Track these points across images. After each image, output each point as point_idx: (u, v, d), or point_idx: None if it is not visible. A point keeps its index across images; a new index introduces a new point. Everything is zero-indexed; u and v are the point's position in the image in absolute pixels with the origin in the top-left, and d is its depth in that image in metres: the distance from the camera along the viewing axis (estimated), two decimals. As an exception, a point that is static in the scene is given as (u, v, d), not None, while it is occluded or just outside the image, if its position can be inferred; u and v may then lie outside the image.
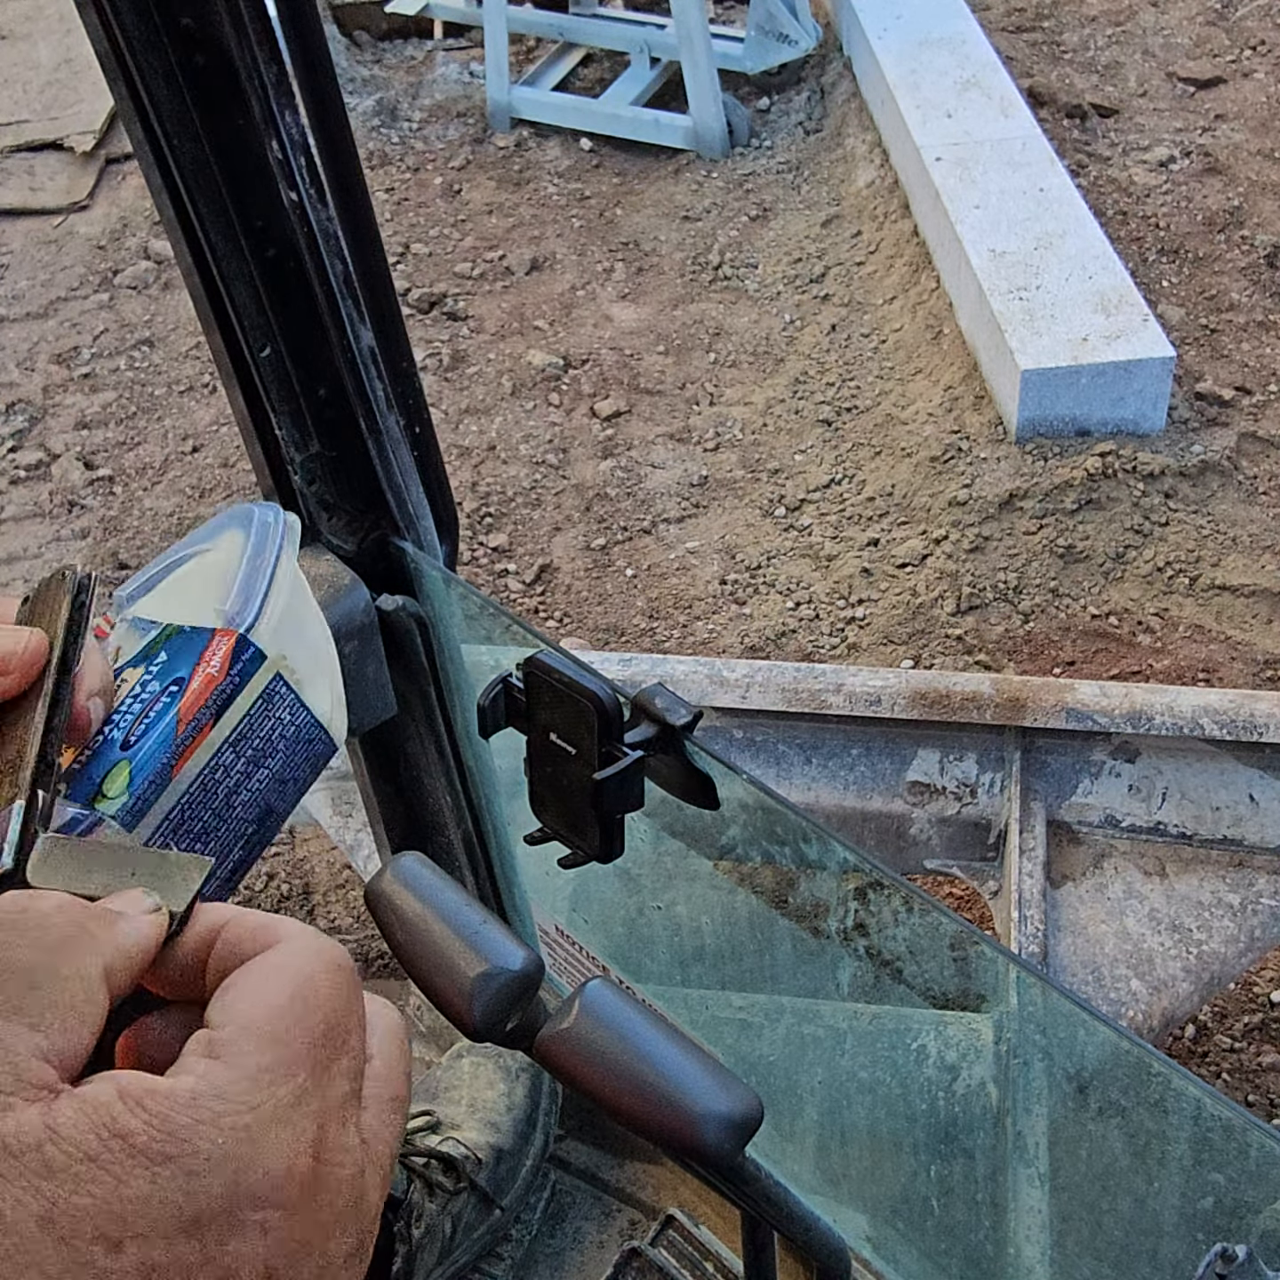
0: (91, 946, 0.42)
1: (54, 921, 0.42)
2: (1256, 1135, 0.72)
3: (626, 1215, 1.47)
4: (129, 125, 0.86)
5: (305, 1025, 0.42)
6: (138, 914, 0.46)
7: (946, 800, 1.77)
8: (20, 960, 0.40)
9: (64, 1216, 0.36)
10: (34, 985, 0.40)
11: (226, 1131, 0.39)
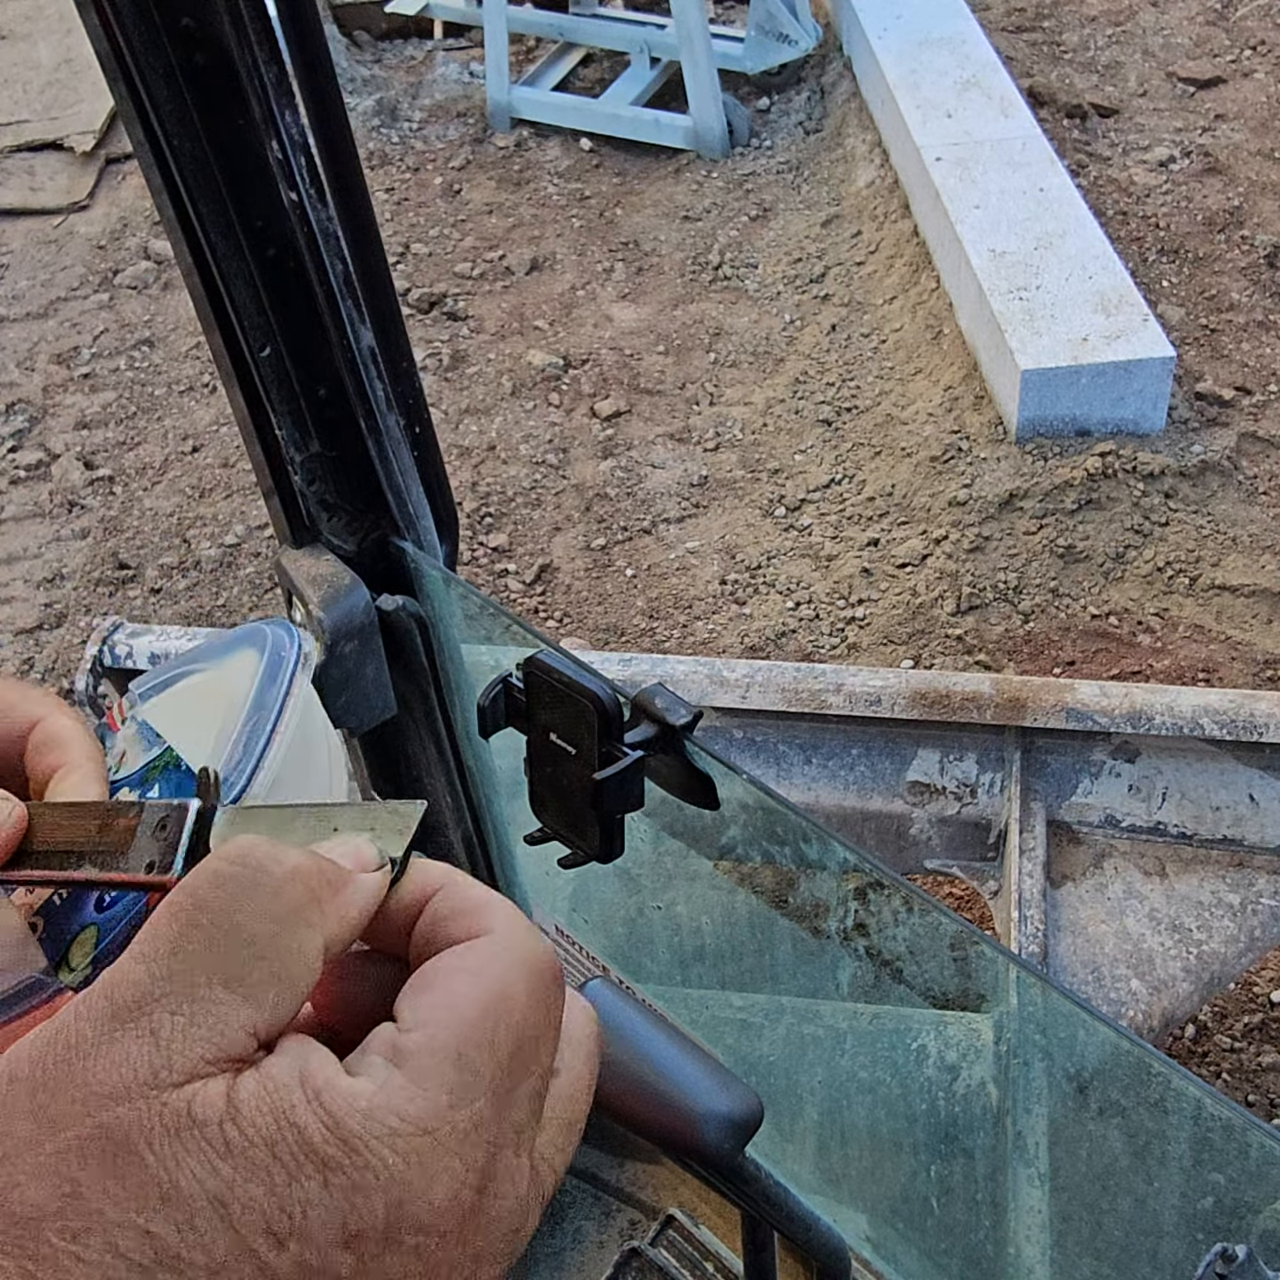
0: (319, 920, 0.42)
1: (286, 891, 0.41)
2: (1256, 1135, 0.72)
3: (626, 1215, 1.47)
4: (129, 125, 0.86)
5: (495, 1045, 0.41)
6: (364, 872, 0.45)
7: (946, 800, 1.77)
8: (249, 929, 0.40)
9: (236, 1202, 0.36)
10: (259, 956, 0.40)
11: (399, 1154, 0.38)
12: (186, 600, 3.08)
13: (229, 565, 3.15)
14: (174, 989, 0.39)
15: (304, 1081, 0.38)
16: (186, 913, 0.40)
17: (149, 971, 0.39)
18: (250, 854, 0.42)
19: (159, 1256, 0.36)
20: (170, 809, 0.54)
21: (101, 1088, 0.37)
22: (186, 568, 3.16)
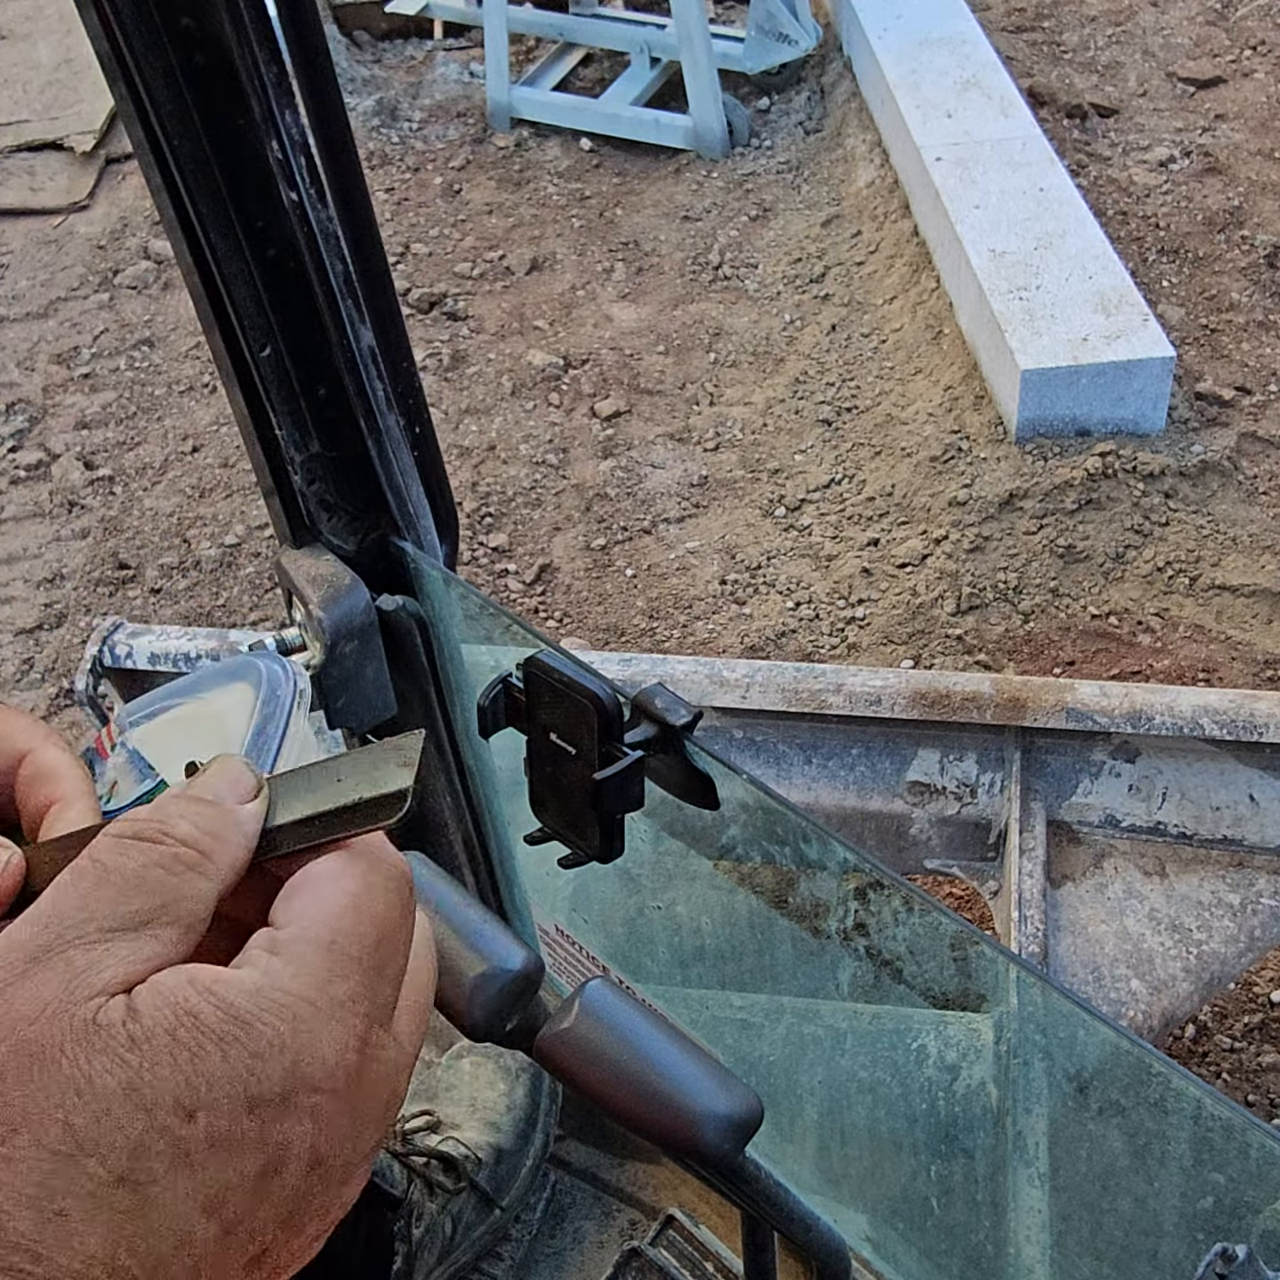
0: (212, 871, 0.47)
1: (183, 854, 0.46)
2: (1256, 1135, 0.72)
3: (626, 1215, 1.47)
4: (129, 125, 0.86)
5: (360, 932, 0.46)
6: (243, 802, 0.50)
7: (946, 800, 1.77)
8: (152, 882, 0.45)
9: (146, 1086, 0.40)
10: (162, 905, 0.45)
11: (287, 1021, 0.42)
12: (186, 600, 3.08)
13: (229, 565, 3.15)
14: (84, 932, 0.43)
15: (192, 981, 0.43)
16: (93, 871, 0.45)
17: (62, 919, 0.43)
18: (145, 826, 0.47)
19: (81, 1143, 0.40)
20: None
21: (18, 1012, 0.41)
22: (186, 568, 3.16)
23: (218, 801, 0.49)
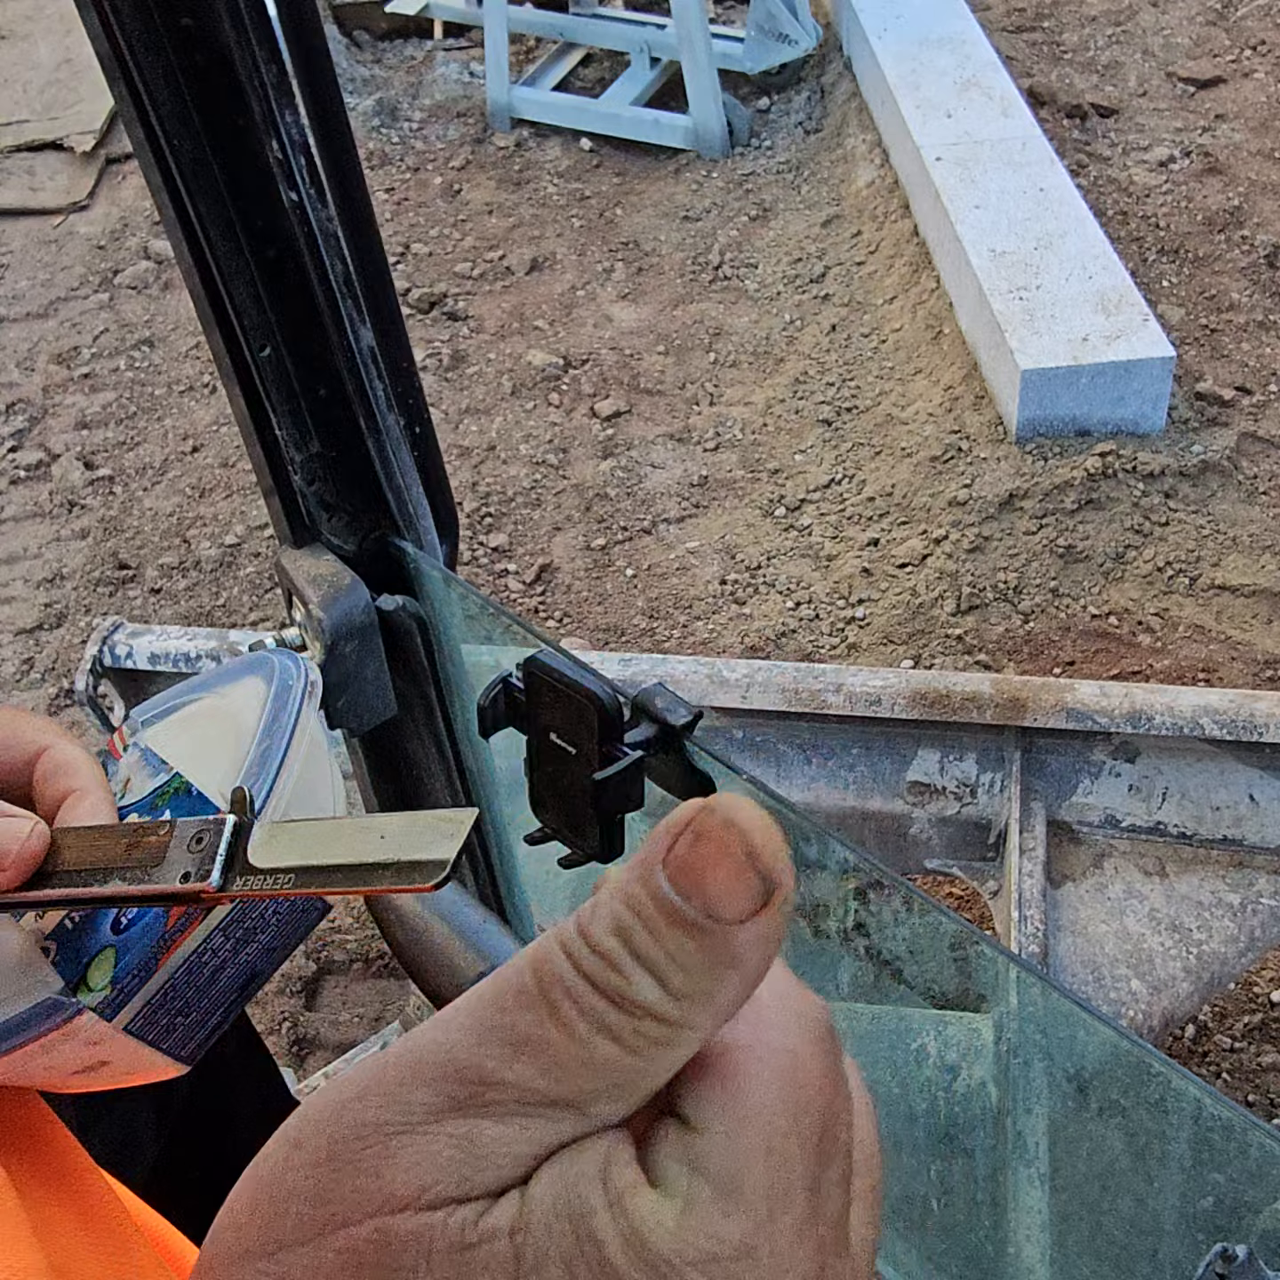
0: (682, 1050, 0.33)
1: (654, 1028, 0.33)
2: (1256, 1135, 0.72)
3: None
4: (129, 125, 0.86)
5: (802, 1130, 0.33)
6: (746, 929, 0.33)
7: (946, 800, 1.77)
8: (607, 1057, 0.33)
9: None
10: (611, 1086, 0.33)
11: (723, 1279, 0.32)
12: (186, 600, 3.08)
13: (229, 565, 3.15)
14: (504, 1097, 0.32)
15: (604, 1181, 0.32)
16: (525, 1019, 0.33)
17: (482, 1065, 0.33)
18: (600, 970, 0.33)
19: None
20: (206, 824, 0.54)
21: (393, 1186, 0.32)
22: (186, 568, 3.16)
23: (706, 925, 0.32)
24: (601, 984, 0.32)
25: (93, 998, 0.62)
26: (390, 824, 0.50)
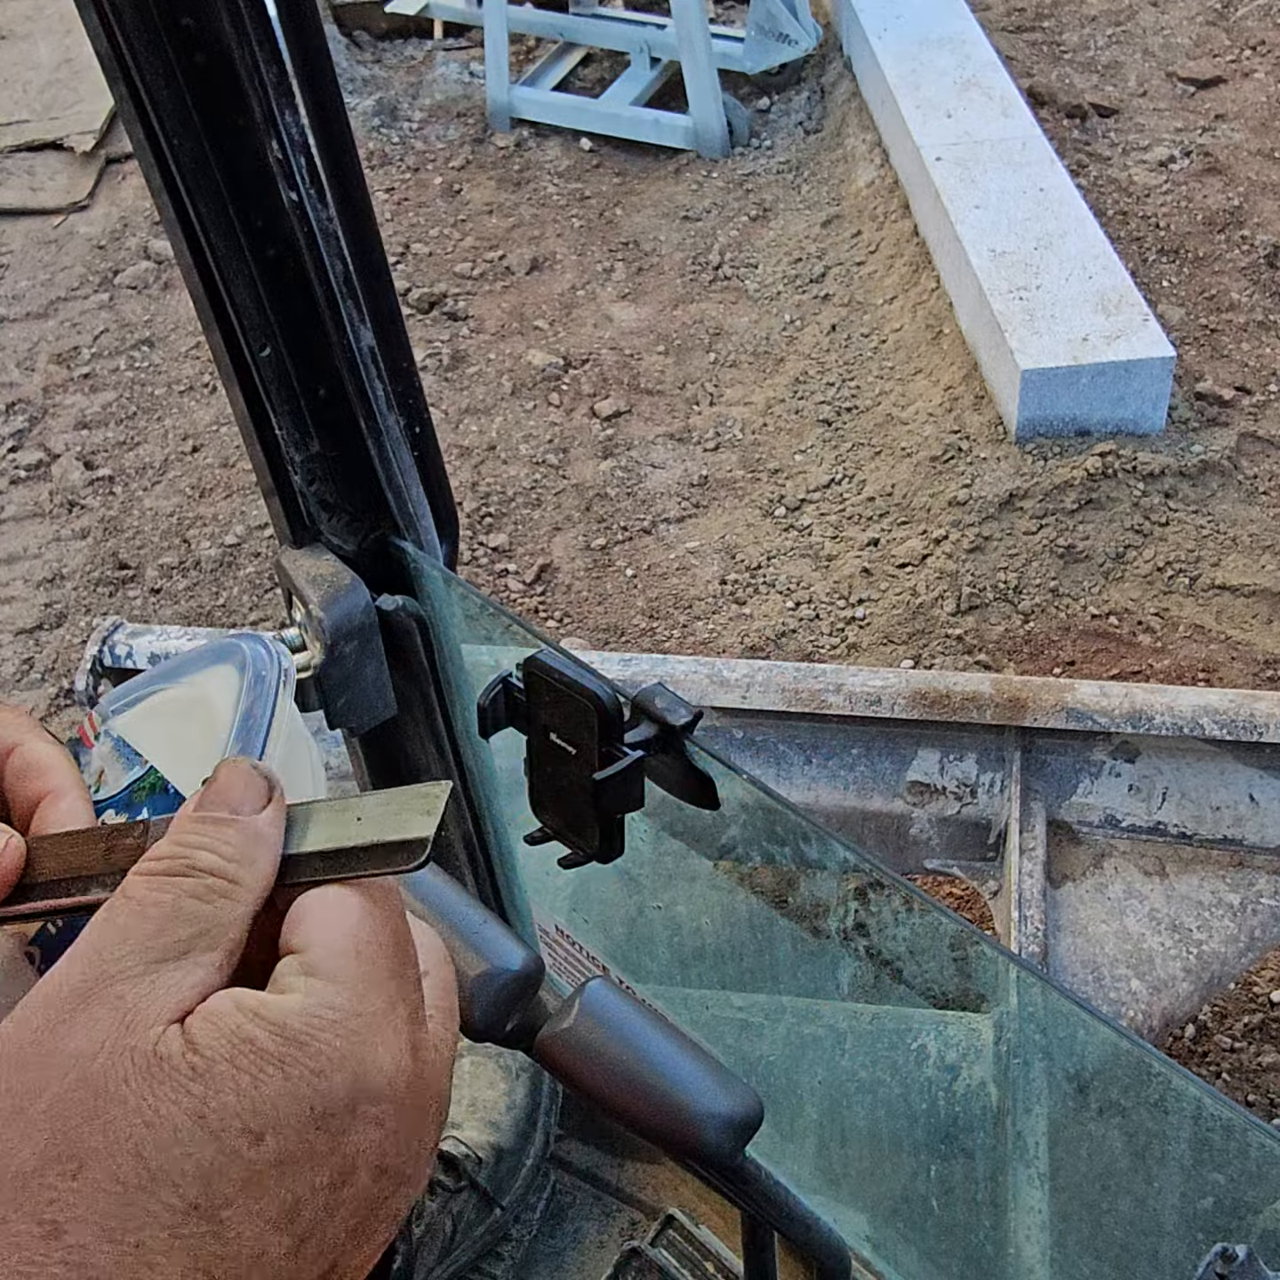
0: (243, 894, 0.47)
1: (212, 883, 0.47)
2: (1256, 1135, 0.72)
3: (626, 1215, 1.47)
4: (129, 125, 0.86)
5: (380, 940, 0.47)
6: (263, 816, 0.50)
7: (946, 800, 1.77)
8: (188, 912, 0.46)
9: (213, 1113, 0.41)
10: (201, 933, 0.46)
11: (342, 1036, 0.43)
12: (186, 600, 3.08)
13: (229, 565, 3.15)
14: (128, 966, 0.43)
15: (240, 1007, 0.43)
16: (128, 908, 0.45)
17: (103, 955, 0.44)
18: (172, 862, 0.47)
19: (153, 1174, 0.40)
20: None
21: (75, 1049, 0.41)
22: (186, 568, 3.16)
23: (235, 817, 0.49)
24: (173, 869, 0.47)
25: None
26: (366, 805, 0.50)
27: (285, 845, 0.51)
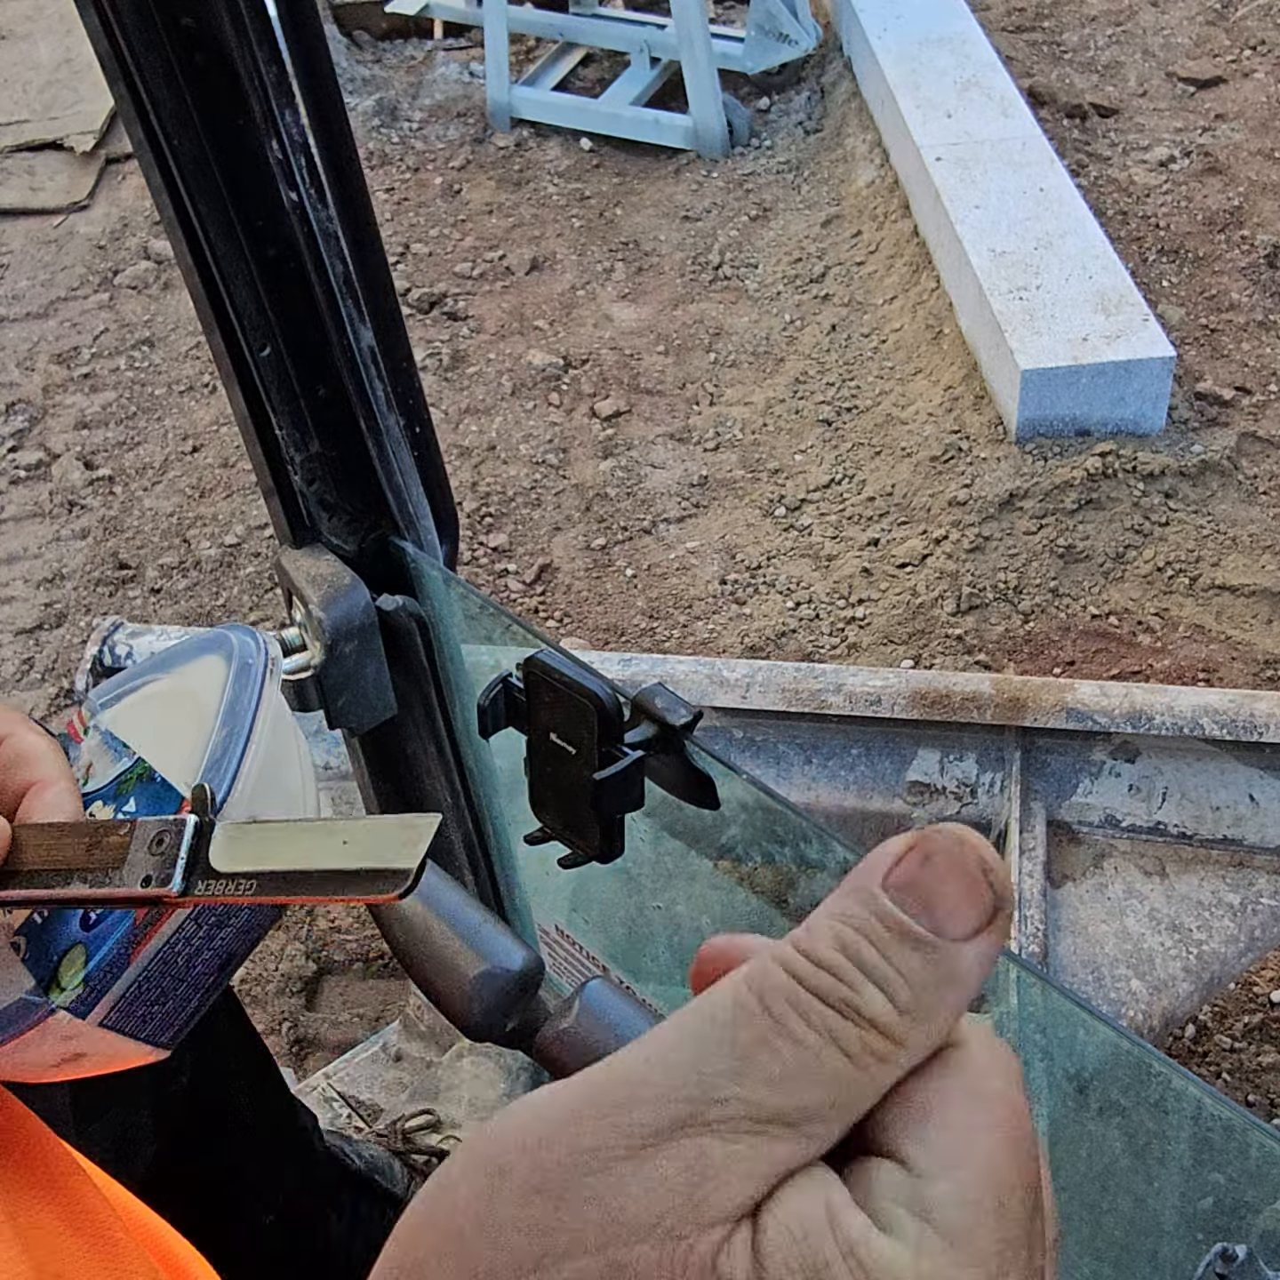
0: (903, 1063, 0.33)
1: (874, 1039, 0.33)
2: (1256, 1135, 0.72)
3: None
4: (129, 125, 0.86)
5: (1025, 1186, 0.33)
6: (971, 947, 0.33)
7: (946, 800, 1.77)
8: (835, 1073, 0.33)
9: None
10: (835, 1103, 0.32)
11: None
12: (186, 600, 3.08)
13: (229, 565, 3.15)
14: (732, 1114, 0.32)
15: (834, 1228, 0.31)
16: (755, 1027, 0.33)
17: (705, 1087, 0.32)
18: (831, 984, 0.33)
19: None
20: (166, 824, 0.54)
21: (624, 1215, 0.30)
22: (186, 568, 3.16)
23: (936, 940, 0.33)
24: (829, 995, 0.32)
25: (65, 997, 0.62)
26: (353, 829, 0.49)
27: (268, 861, 0.49)
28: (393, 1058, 1.68)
